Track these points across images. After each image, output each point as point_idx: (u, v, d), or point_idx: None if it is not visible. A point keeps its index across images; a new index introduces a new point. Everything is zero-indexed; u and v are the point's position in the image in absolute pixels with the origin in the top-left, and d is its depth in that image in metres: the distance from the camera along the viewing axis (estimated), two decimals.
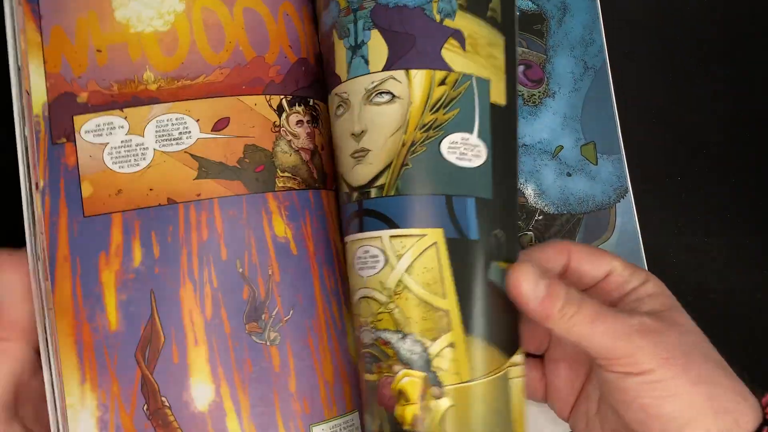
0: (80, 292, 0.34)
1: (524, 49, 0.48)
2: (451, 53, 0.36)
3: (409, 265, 0.34)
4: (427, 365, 0.33)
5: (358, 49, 0.37)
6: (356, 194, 0.36)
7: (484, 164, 0.35)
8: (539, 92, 0.47)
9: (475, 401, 0.33)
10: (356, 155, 0.36)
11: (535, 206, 0.46)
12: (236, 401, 0.34)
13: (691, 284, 0.43)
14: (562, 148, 0.47)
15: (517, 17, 0.37)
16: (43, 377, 0.34)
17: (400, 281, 0.34)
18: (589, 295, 0.35)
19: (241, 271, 0.36)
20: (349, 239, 0.37)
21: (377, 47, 0.36)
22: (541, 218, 0.46)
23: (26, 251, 0.35)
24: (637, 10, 0.48)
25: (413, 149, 0.35)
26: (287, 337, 0.36)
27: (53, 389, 0.34)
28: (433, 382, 0.33)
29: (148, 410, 0.34)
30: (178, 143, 0.36)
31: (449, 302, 0.34)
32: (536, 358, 0.41)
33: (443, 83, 0.35)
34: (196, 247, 0.35)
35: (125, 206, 0.35)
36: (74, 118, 0.35)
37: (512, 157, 0.37)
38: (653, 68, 0.48)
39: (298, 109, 0.39)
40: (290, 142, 0.38)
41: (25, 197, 0.35)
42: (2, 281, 0.34)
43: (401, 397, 0.33)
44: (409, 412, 0.33)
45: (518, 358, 0.35)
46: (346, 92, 0.37)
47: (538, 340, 0.40)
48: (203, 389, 0.34)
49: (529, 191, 0.47)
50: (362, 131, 0.36)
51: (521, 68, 0.48)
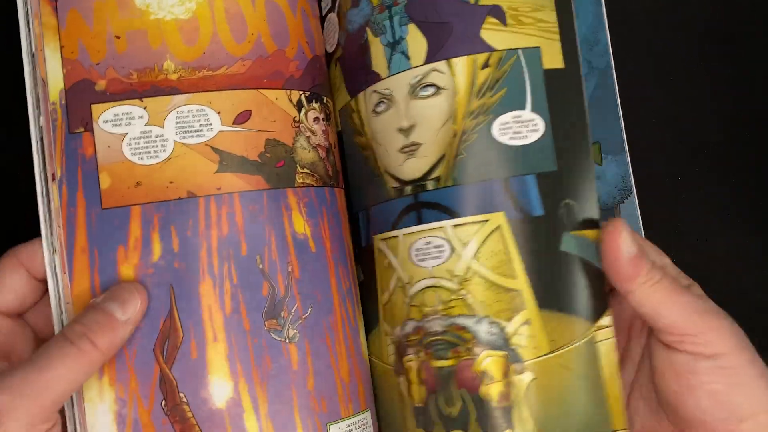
0: (98, 285, 0.33)
1: None
2: (491, 32, 0.35)
3: (475, 251, 0.35)
4: (506, 344, 0.34)
5: (397, 45, 0.37)
6: (410, 188, 0.36)
7: (542, 137, 0.35)
8: None
9: (557, 371, 0.34)
10: (407, 150, 0.36)
11: None
12: (254, 399, 0.34)
13: None
14: None
15: None
16: None
17: (469, 268, 0.35)
18: None
19: (261, 267, 0.35)
20: (401, 233, 0.37)
21: (416, 41, 0.36)
22: None
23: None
24: (641, 11, 0.48)
25: (465, 138, 0.35)
26: (306, 334, 0.36)
27: None
28: (513, 359, 0.34)
29: (166, 406, 0.33)
30: (199, 135, 0.35)
31: (520, 282, 0.35)
32: None
33: (486, 65, 0.35)
34: (216, 241, 0.34)
35: (144, 199, 0.34)
36: (92, 106, 0.34)
37: (579, 119, 0.35)
38: (656, 69, 0.48)
39: (315, 105, 0.39)
40: (309, 138, 0.38)
41: (40, 189, 0.34)
42: (142, 306, 0.34)
43: (485, 376, 0.35)
44: (494, 389, 0.34)
45: (605, 320, 0.34)
46: (388, 88, 0.37)
47: None
48: (221, 386, 0.34)
49: None
50: (411, 126, 0.36)
51: None
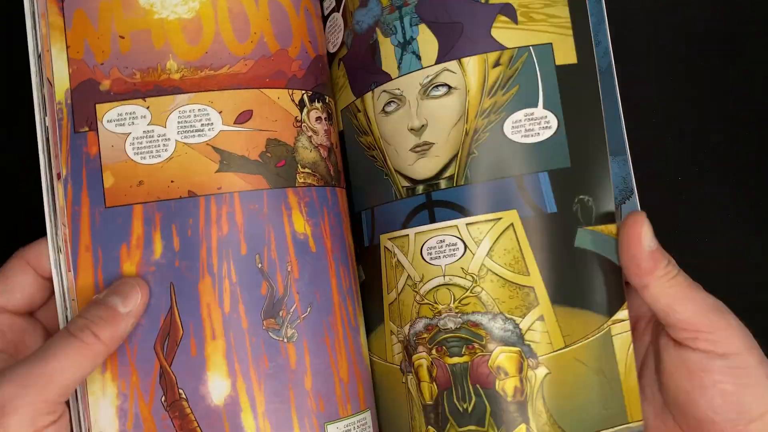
0: (102, 283, 0.34)
1: None
2: (502, 30, 0.35)
3: (489, 249, 0.35)
4: (520, 340, 0.35)
5: (408, 45, 0.37)
6: (422, 187, 0.37)
7: (555, 134, 0.35)
8: None
9: (572, 365, 0.35)
10: (418, 149, 0.37)
11: None
12: (252, 397, 0.34)
13: None
14: None
15: None
16: None
17: (482, 265, 0.35)
18: None
19: (260, 266, 0.36)
20: (413, 231, 0.37)
21: (427, 41, 0.36)
22: None
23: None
24: (641, 11, 0.48)
25: (476, 137, 0.35)
26: (304, 334, 0.36)
27: None
28: (528, 354, 0.35)
29: (166, 401, 0.34)
30: (200, 135, 0.35)
31: (533, 278, 0.35)
32: None
33: (498, 64, 0.35)
34: (215, 240, 0.35)
35: (146, 198, 0.35)
36: (96, 106, 0.35)
37: (593, 113, 0.35)
38: (657, 69, 0.48)
39: (317, 105, 0.39)
40: (310, 138, 0.38)
41: (45, 188, 0.35)
42: (143, 299, 0.34)
43: (500, 372, 0.35)
44: (509, 385, 0.35)
45: (622, 314, 0.35)
46: (399, 88, 0.37)
47: None
48: (220, 383, 0.34)
49: None
50: (422, 125, 0.37)
51: None
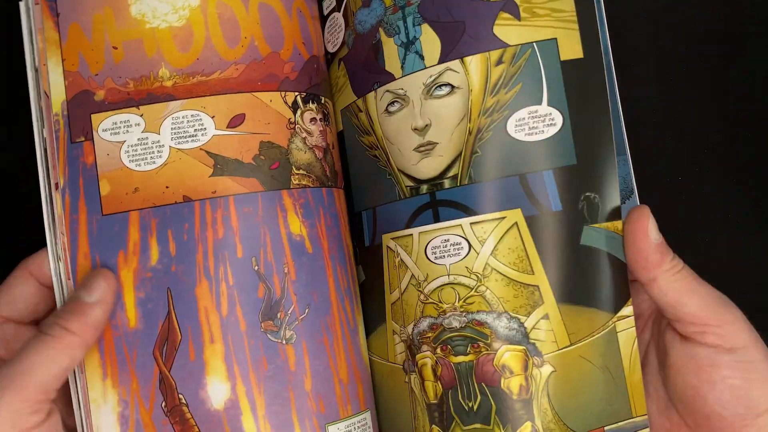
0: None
1: None
2: (504, 28, 0.35)
3: (493, 248, 0.35)
4: (525, 338, 0.35)
5: (411, 45, 0.37)
6: (426, 186, 0.37)
7: (560, 131, 0.35)
8: None
9: (577, 363, 0.34)
10: (422, 149, 0.37)
11: None
12: (252, 400, 0.34)
13: None
14: None
15: None
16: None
17: (487, 264, 0.35)
18: None
19: (256, 269, 0.36)
20: (417, 231, 0.37)
21: (430, 41, 0.36)
22: None
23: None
24: (641, 11, 0.47)
25: (480, 136, 0.35)
26: (303, 335, 0.36)
27: (77, 384, 0.34)
28: (533, 353, 0.35)
29: (166, 407, 0.34)
30: (193, 140, 0.36)
31: (538, 277, 0.35)
32: None
33: (500, 62, 0.35)
34: (211, 244, 0.35)
35: (142, 204, 0.35)
36: (92, 116, 0.36)
37: (600, 108, 0.35)
38: (657, 69, 0.47)
39: (311, 106, 0.39)
40: (305, 139, 0.38)
41: (44, 198, 0.36)
42: (108, 287, 0.34)
43: (506, 370, 0.35)
44: (515, 383, 0.35)
45: (627, 310, 0.35)
46: (402, 88, 0.37)
47: None
48: (219, 387, 0.34)
49: None
50: (426, 125, 0.36)
51: None
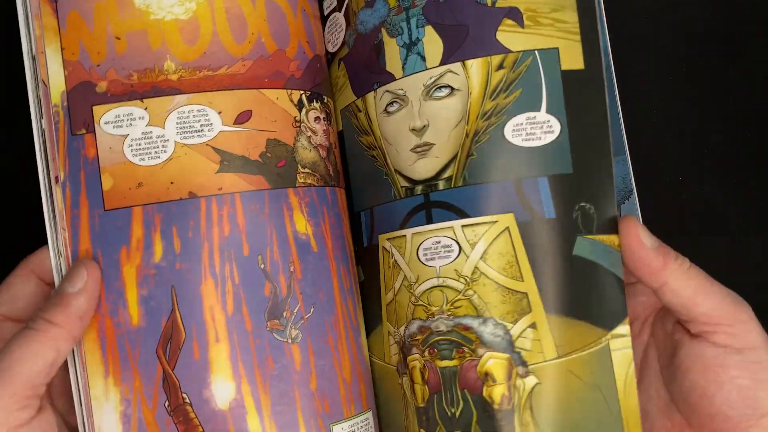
0: (102, 286, 0.33)
1: None
2: (507, 34, 0.35)
3: (483, 252, 0.35)
4: (510, 346, 0.34)
5: (413, 46, 0.37)
6: (421, 187, 0.37)
7: (558, 139, 0.35)
8: None
9: (564, 377, 0.34)
10: (419, 150, 0.37)
11: None
12: (257, 399, 0.34)
13: None
14: None
15: None
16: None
17: (476, 268, 0.35)
18: None
19: (263, 267, 0.35)
20: (411, 232, 0.37)
21: (432, 43, 0.36)
22: None
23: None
24: (642, 12, 0.48)
25: (477, 139, 0.35)
26: (308, 334, 0.36)
27: (78, 382, 0.33)
28: (517, 362, 0.34)
29: (169, 406, 0.33)
30: (199, 135, 0.35)
31: (527, 284, 0.34)
32: None
33: (501, 67, 0.35)
34: (217, 242, 0.34)
35: (146, 200, 0.34)
36: (93, 108, 0.34)
37: (599, 120, 0.35)
38: (657, 69, 0.48)
39: (315, 105, 0.39)
40: (310, 138, 0.38)
41: (44, 192, 0.34)
42: (90, 276, 0.33)
43: (488, 378, 0.34)
44: (497, 392, 0.34)
45: (623, 328, 0.34)
46: (402, 89, 0.37)
47: None
48: (224, 387, 0.34)
49: None
50: (424, 126, 0.36)
51: None
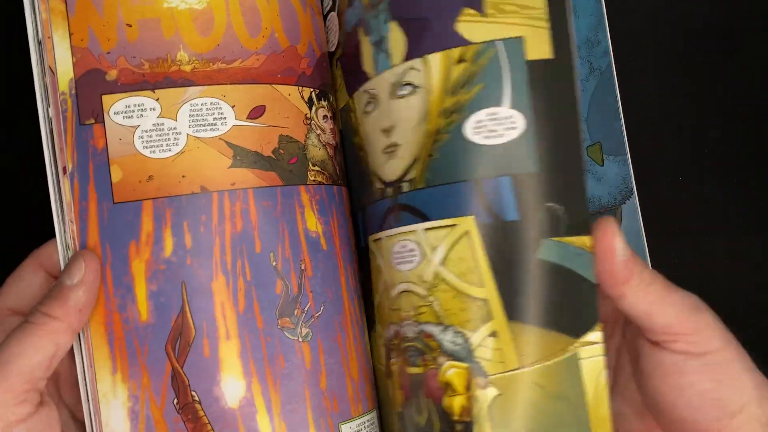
0: (111, 281, 0.33)
1: None
2: (467, 24, 0.33)
3: (443, 256, 0.33)
4: (470, 356, 0.33)
5: (381, 43, 0.36)
6: (390, 189, 0.36)
7: (521, 135, 0.32)
8: None
9: (528, 388, 0.32)
10: (387, 150, 0.35)
11: None
12: (267, 398, 0.34)
13: (692, 285, 0.43)
14: None
15: None
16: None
17: (436, 274, 0.34)
18: None
19: (274, 264, 0.35)
20: (385, 235, 0.36)
21: (396, 39, 0.35)
22: None
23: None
24: (642, 10, 0.48)
25: (437, 138, 0.33)
26: (318, 333, 0.35)
27: (85, 378, 0.33)
28: (477, 372, 0.32)
29: (178, 404, 0.33)
30: (212, 129, 0.34)
31: (488, 291, 0.33)
32: None
33: (461, 60, 0.33)
34: (229, 237, 0.34)
35: (156, 193, 0.33)
36: (103, 97, 0.34)
37: (568, 113, 0.32)
38: (657, 69, 0.48)
39: (323, 103, 0.38)
40: (319, 136, 0.38)
41: (51, 183, 0.33)
42: (89, 267, 0.32)
43: (448, 388, 0.33)
44: (456, 403, 0.33)
45: (593, 336, 0.32)
46: (374, 88, 0.36)
47: None
48: (234, 385, 0.33)
49: None
50: (391, 126, 0.35)
51: None
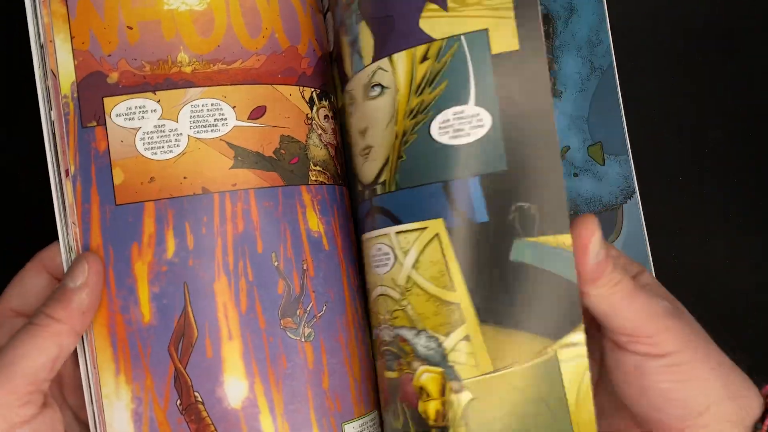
0: (113, 282, 0.33)
1: None
2: (430, 20, 0.32)
3: (415, 260, 0.33)
4: (443, 360, 0.32)
5: (355, 43, 0.35)
6: (368, 192, 0.35)
7: (489, 133, 0.31)
8: None
9: (504, 392, 0.32)
10: (363, 152, 0.35)
11: None
12: (270, 398, 0.34)
13: (692, 285, 0.44)
14: (569, 148, 0.47)
15: None
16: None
17: (409, 278, 0.33)
18: None
19: (276, 264, 0.35)
20: (365, 237, 0.36)
21: (366, 39, 0.34)
22: None
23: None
24: (643, 10, 0.49)
25: (405, 139, 0.33)
26: (321, 333, 0.35)
27: (89, 379, 0.33)
28: (451, 376, 0.32)
29: (181, 405, 0.33)
30: (213, 130, 0.34)
31: (459, 294, 0.32)
32: None
33: (425, 58, 0.32)
34: (231, 238, 0.34)
35: (158, 195, 0.33)
36: (104, 99, 0.34)
37: (539, 107, 0.31)
38: (658, 69, 0.49)
39: (324, 103, 0.38)
40: (320, 135, 0.38)
41: (54, 185, 0.34)
42: (92, 269, 0.32)
43: (423, 393, 0.33)
44: (431, 407, 0.33)
45: (574, 337, 0.31)
46: (352, 89, 0.36)
47: None
48: (237, 385, 0.33)
49: None
50: (365, 128, 0.35)
51: None
